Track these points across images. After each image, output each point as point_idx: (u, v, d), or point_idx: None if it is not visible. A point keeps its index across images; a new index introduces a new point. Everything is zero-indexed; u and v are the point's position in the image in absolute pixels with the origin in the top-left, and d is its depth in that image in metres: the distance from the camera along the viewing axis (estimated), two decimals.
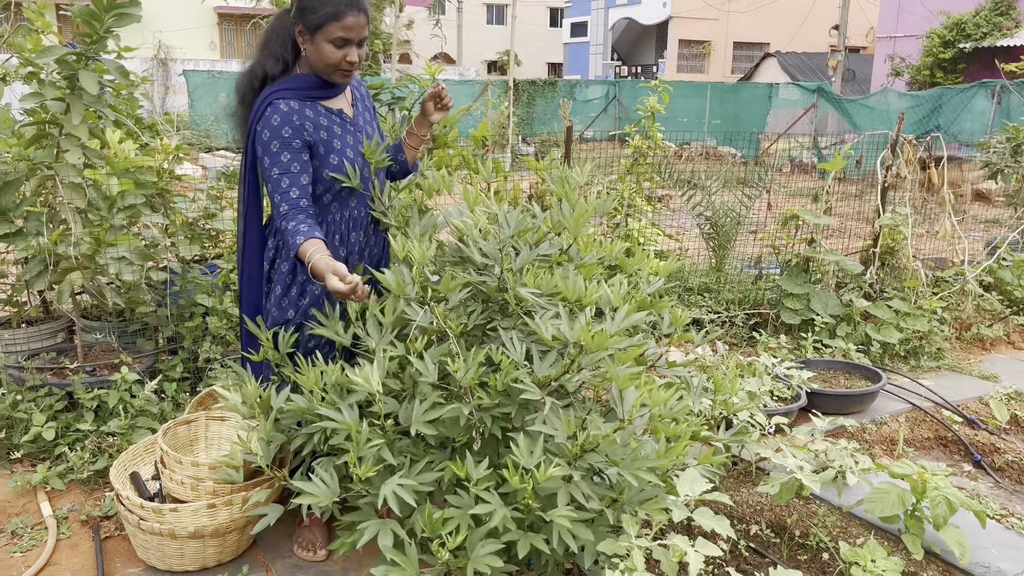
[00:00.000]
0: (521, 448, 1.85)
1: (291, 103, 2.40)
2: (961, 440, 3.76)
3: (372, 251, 2.67)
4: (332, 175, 2.47)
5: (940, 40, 19.16)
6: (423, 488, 1.97)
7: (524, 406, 2.06)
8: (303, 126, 2.40)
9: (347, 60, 2.38)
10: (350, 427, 1.94)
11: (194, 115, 16.75)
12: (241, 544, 2.66)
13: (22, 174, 3.28)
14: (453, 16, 29.23)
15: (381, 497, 1.88)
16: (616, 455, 1.92)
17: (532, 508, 1.85)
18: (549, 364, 2.00)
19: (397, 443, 2.11)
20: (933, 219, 6.16)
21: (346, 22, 2.33)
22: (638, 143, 4.96)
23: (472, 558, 1.85)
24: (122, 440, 3.06)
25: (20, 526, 2.76)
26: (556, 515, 1.81)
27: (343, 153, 2.49)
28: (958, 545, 2.51)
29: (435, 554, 1.83)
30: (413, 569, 1.85)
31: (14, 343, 3.59)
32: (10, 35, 3.43)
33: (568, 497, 1.88)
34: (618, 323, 1.94)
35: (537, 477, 1.80)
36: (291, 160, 2.38)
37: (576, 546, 1.90)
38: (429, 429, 1.98)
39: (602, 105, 21.57)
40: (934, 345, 4.79)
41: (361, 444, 1.92)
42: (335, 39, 2.34)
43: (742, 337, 4.81)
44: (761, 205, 5.55)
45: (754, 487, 3.10)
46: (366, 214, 2.62)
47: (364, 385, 1.88)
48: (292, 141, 2.38)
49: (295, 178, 2.39)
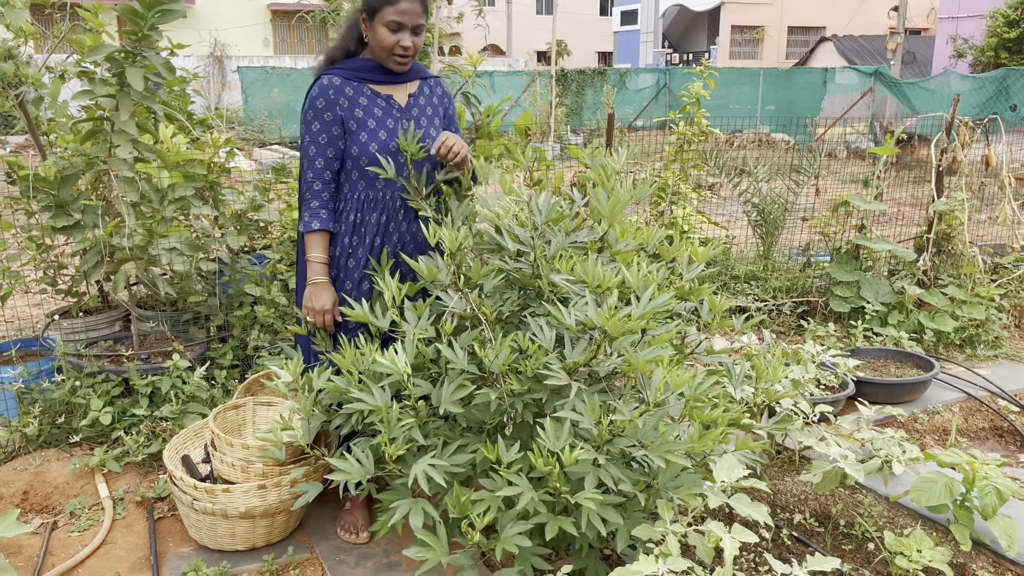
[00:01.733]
0: (548, 432, 1.87)
1: (334, 80, 2.55)
2: (1017, 430, 3.65)
3: (405, 237, 2.68)
4: (360, 153, 2.55)
5: (1005, 20, 18.45)
6: (455, 469, 2.00)
7: (556, 392, 2.07)
8: (337, 100, 2.53)
9: (400, 45, 2.49)
10: (380, 409, 1.98)
11: (248, 111, 17.08)
12: (289, 525, 2.73)
13: (79, 169, 3.40)
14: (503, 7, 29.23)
15: (412, 476, 1.92)
16: (646, 439, 1.92)
17: (561, 491, 1.86)
18: (580, 351, 2.01)
19: (431, 425, 2.14)
20: (995, 204, 5.96)
21: (400, 6, 2.45)
22: (683, 130, 4.91)
23: (502, 539, 1.87)
24: (174, 425, 3.17)
25: (78, 507, 2.88)
26: (582, 497, 1.82)
27: (375, 135, 2.56)
28: (1006, 536, 2.44)
29: (465, 535, 1.86)
30: (443, 549, 1.88)
31: (73, 332, 3.73)
32: (67, 34, 3.56)
33: (596, 481, 1.88)
34: (643, 307, 1.94)
35: (564, 460, 1.82)
36: (320, 131, 2.54)
37: (606, 530, 1.91)
38: (457, 408, 2.01)
39: (652, 94, 21.34)
40: (991, 333, 4.65)
41: (392, 424, 1.96)
42: (389, 23, 2.46)
43: (790, 325, 4.73)
44: (810, 192, 5.44)
45: (798, 476, 3.06)
46: (395, 198, 2.63)
47: (391, 367, 1.92)
48: (324, 114, 2.53)
49: (322, 148, 2.55)
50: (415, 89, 2.68)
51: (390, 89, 2.62)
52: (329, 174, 2.57)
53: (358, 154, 2.55)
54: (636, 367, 1.90)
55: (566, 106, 19.55)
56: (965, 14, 20.44)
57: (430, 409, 2.13)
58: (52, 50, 3.73)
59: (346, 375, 2.20)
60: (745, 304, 4.69)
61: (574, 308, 2.01)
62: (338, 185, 2.62)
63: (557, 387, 2.03)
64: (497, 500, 1.92)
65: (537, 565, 2.06)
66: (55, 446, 3.27)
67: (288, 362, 2.35)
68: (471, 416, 2.15)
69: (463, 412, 2.09)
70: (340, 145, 2.56)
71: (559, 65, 22.03)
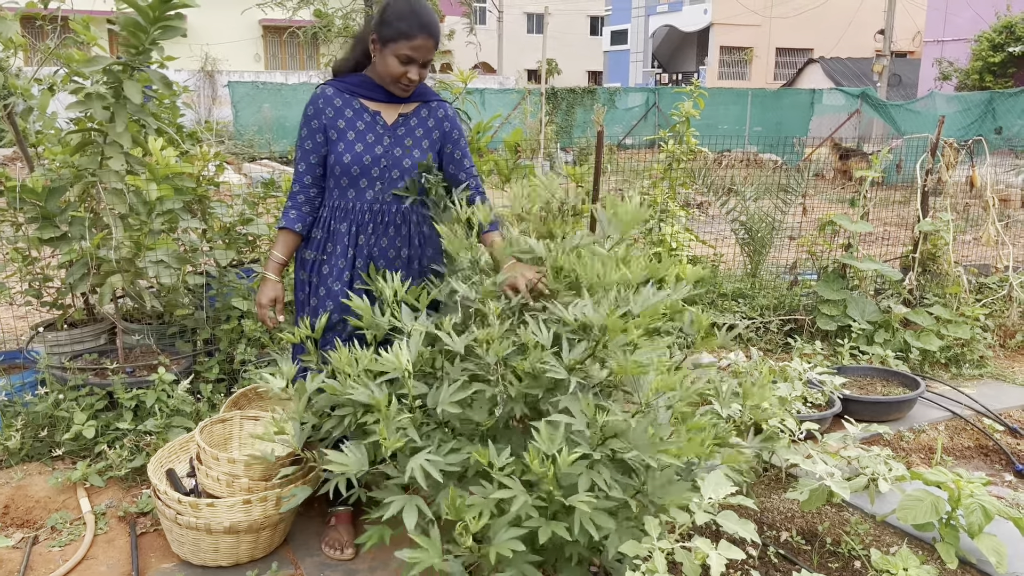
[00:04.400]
0: (543, 434, 1.88)
1: (327, 90, 2.63)
2: (1003, 449, 3.66)
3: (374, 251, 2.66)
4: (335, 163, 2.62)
5: (989, 43, 18.74)
6: (449, 468, 2.01)
7: (551, 389, 2.09)
8: (324, 110, 2.61)
9: (408, 76, 2.55)
10: (379, 403, 1.99)
11: (238, 125, 17.08)
12: (274, 541, 2.71)
13: (67, 180, 3.39)
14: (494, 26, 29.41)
15: (407, 472, 1.92)
16: (637, 440, 1.93)
17: (554, 495, 1.87)
18: (579, 352, 2.04)
19: (424, 428, 2.15)
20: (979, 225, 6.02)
21: (415, 43, 2.51)
22: (672, 148, 4.94)
23: (494, 543, 1.86)
24: (158, 439, 3.14)
25: (60, 521, 2.85)
26: (577, 500, 1.83)
27: (352, 146, 2.60)
28: (995, 553, 2.45)
29: (458, 538, 1.85)
30: (436, 552, 1.88)
31: (58, 344, 3.70)
32: (57, 47, 3.56)
33: (589, 483, 1.90)
34: (641, 304, 1.97)
35: (559, 463, 1.83)
36: (306, 137, 2.63)
37: (598, 535, 1.91)
38: (455, 408, 2.03)
39: (641, 113, 21.53)
40: (976, 353, 4.68)
41: (390, 418, 1.98)
42: (402, 55, 2.52)
43: (777, 343, 4.75)
44: (797, 211, 5.48)
45: (784, 493, 3.06)
46: (363, 210, 2.64)
47: (394, 363, 1.95)
48: (311, 121, 2.62)
49: (306, 155, 2.64)
50: (409, 110, 2.69)
51: (380, 106, 2.66)
52: (309, 178, 2.65)
53: (333, 163, 2.62)
54: (627, 369, 1.92)
55: (556, 124, 19.65)
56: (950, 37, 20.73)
57: (425, 413, 2.15)
58: (42, 62, 3.73)
59: (341, 376, 2.20)
60: (733, 322, 4.71)
61: (573, 307, 2.06)
62: (320, 191, 2.69)
63: (552, 385, 2.06)
64: (490, 505, 1.92)
65: (528, 573, 2.05)
66: (37, 460, 3.23)
67: (280, 369, 2.36)
68: (466, 419, 2.16)
69: (459, 413, 2.11)
70: (322, 152, 2.64)
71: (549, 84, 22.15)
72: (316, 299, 2.68)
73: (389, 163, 2.63)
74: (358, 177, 2.61)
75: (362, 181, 2.62)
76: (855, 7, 28.55)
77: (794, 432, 3.12)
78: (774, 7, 29.81)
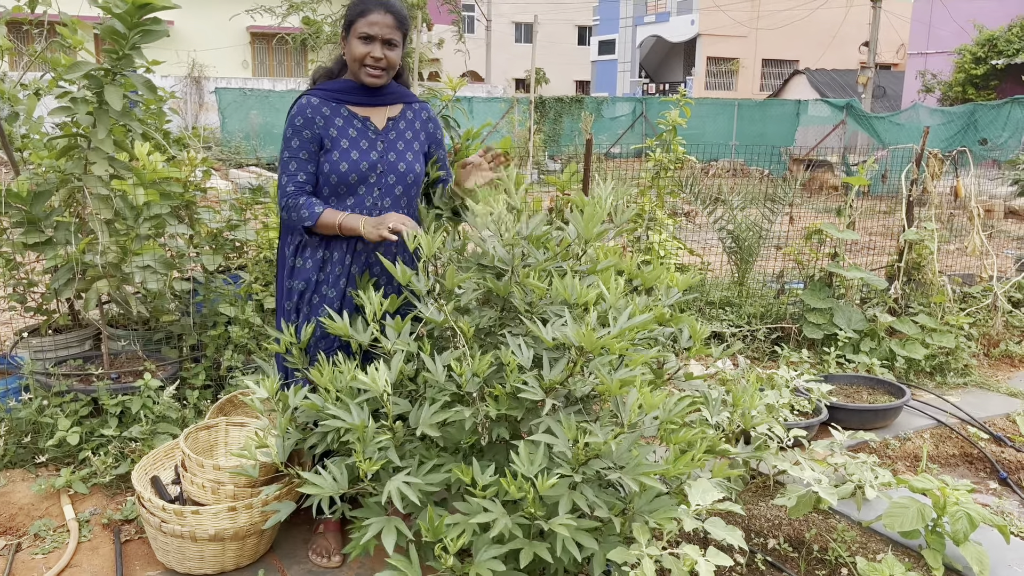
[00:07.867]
0: (522, 456, 1.86)
1: (312, 100, 2.60)
2: (987, 457, 3.69)
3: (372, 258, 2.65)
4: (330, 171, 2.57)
5: (972, 56, 18.97)
6: (430, 488, 1.98)
7: (531, 411, 2.06)
8: (314, 119, 2.57)
9: (371, 56, 2.53)
10: (357, 427, 1.96)
11: (225, 131, 17.01)
12: (259, 548, 2.68)
13: (53, 185, 3.37)
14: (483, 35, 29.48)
15: (385, 494, 1.89)
16: (621, 461, 1.91)
17: (536, 516, 1.85)
18: (559, 371, 2.01)
19: (407, 445, 2.12)
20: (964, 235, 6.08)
21: (371, 18, 2.51)
22: (659, 157, 4.97)
23: (476, 562, 1.85)
24: (144, 445, 3.11)
25: (43, 529, 2.81)
26: (556, 523, 1.81)
27: (347, 154, 2.58)
28: (978, 562, 2.46)
29: (438, 558, 1.84)
30: (415, 572, 1.86)
31: (42, 350, 3.67)
32: (43, 51, 3.54)
33: (570, 505, 1.87)
34: (620, 325, 1.94)
35: (538, 487, 1.81)
36: (300, 147, 2.57)
37: (581, 556, 1.89)
38: (434, 431, 2.00)
39: (628, 122, 21.59)
40: (961, 361, 4.72)
41: (368, 442, 1.95)
42: (361, 35, 2.53)
43: (764, 351, 4.77)
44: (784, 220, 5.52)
45: (772, 500, 3.07)
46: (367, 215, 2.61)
47: (371, 385, 1.91)
48: (302, 131, 2.57)
49: (302, 164, 2.59)
50: (396, 113, 2.70)
51: (368, 111, 2.65)
52: (310, 187, 2.60)
53: (328, 171, 2.58)
54: (610, 388, 1.90)
55: (544, 133, 19.69)
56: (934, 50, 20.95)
57: (407, 429, 2.12)
58: (28, 67, 3.71)
59: (322, 393, 2.18)
60: (720, 330, 4.73)
61: (552, 327, 2.02)
62: (313, 193, 2.63)
63: (533, 406, 2.03)
64: (471, 525, 1.90)
65: None
66: (20, 466, 3.19)
67: (264, 378, 2.33)
68: (447, 436, 2.13)
69: (439, 436, 2.08)
70: (317, 161, 2.60)
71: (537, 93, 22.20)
72: (308, 307, 2.65)
73: (385, 168, 2.62)
74: (356, 184, 2.59)
75: (360, 188, 2.60)
76: (840, 19, 28.81)
77: (782, 439, 3.13)
78: (760, 19, 30.05)
